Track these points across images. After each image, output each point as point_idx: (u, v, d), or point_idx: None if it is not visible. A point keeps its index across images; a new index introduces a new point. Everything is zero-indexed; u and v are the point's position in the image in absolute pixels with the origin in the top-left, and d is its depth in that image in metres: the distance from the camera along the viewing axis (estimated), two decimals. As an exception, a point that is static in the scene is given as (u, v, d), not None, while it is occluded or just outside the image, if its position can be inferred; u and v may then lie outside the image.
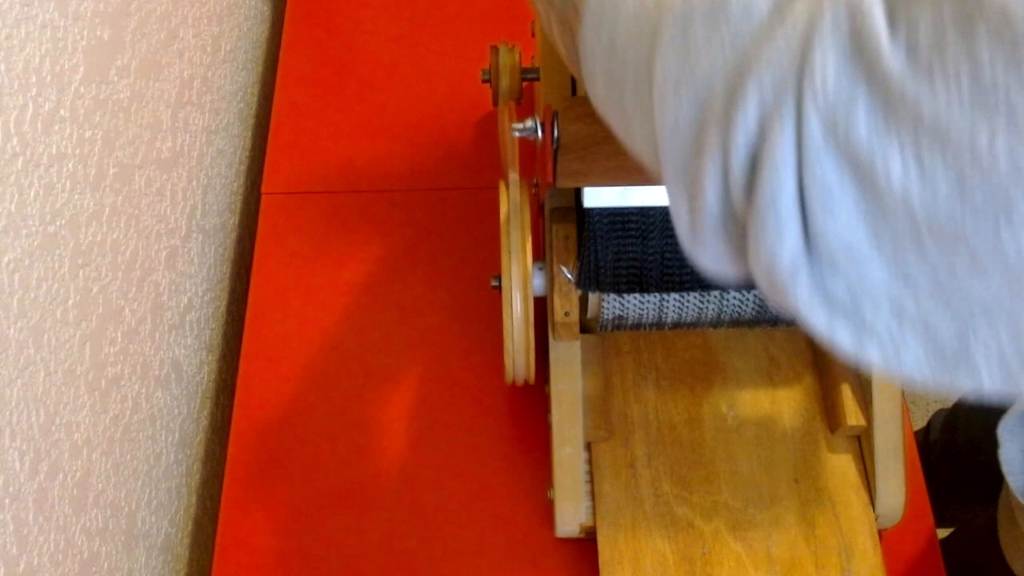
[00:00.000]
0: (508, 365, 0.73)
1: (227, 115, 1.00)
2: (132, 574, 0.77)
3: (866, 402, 0.75)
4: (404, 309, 0.91)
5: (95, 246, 0.70)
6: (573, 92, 0.73)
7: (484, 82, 0.81)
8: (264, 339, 0.90)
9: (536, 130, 0.62)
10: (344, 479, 0.83)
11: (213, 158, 0.95)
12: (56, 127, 0.64)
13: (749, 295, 0.73)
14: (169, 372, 0.84)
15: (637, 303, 0.74)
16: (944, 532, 0.84)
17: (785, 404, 0.79)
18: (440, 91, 1.04)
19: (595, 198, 0.66)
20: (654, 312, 0.75)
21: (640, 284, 0.71)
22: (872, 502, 0.75)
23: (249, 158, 1.07)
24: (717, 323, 0.77)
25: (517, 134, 0.63)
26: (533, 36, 0.80)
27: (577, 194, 0.71)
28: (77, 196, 0.67)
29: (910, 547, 0.79)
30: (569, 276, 0.71)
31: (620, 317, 0.75)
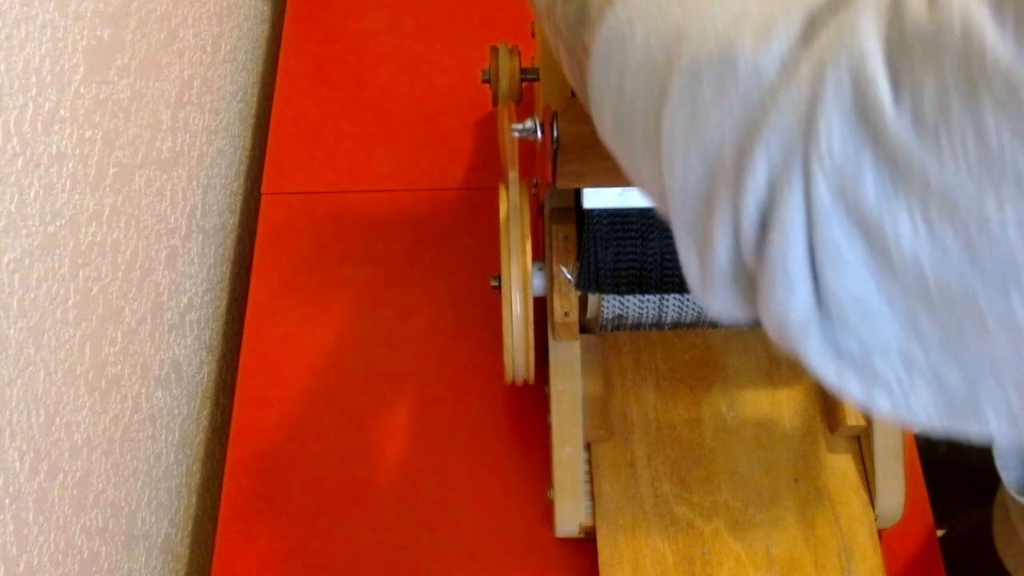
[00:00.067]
0: (508, 365, 0.73)
1: (227, 115, 1.00)
2: (132, 574, 0.77)
3: (866, 402, 0.75)
4: (404, 309, 0.91)
5: (95, 246, 0.70)
6: (573, 93, 0.73)
7: (484, 82, 0.81)
8: (264, 339, 0.90)
9: (535, 130, 0.62)
10: (344, 479, 0.83)
11: (213, 158, 0.95)
12: (56, 127, 0.64)
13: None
14: (169, 372, 0.84)
15: (637, 303, 0.74)
16: (941, 532, 0.84)
17: (785, 404, 0.79)
18: (440, 91, 1.04)
19: (595, 199, 0.66)
20: (654, 312, 0.75)
21: (640, 285, 0.71)
22: (872, 502, 0.75)
23: (249, 158, 1.07)
24: (717, 323, 0.77)
25: (517, 134, 0.63)
26: (533, 36, 0.80)
27: (577, 195, 0.71)
28: (77, 196, 0.67)
29: (910, 547, 0.79)
30: (569, 276, 0.71)
31: (620, 317, 0.75)
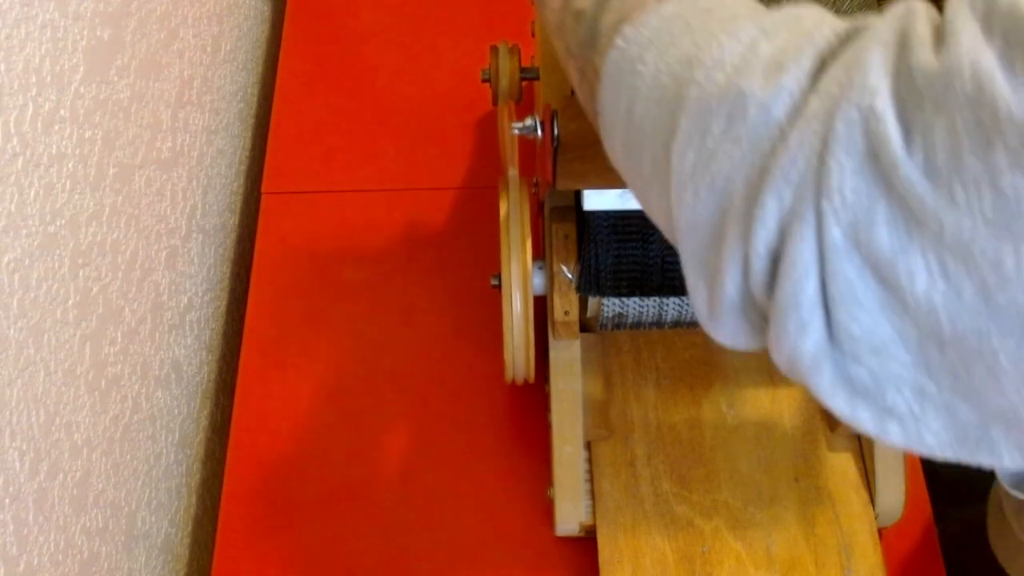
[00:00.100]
0: (508, 364, 0.73)
1: (227, 115, 1.00)
2: (132, 574, 0.77)
3: (866, 401, 0.75)
4: (404, 309, 0.91)
5: (95, 246, 0.70)
6: (573, 92, 0.73)
7: (484, 82, 0.81)
8: (264, 339, 0.90)
9: (536, 128, 0.62)
10: (344, 479, 0.83)
11: (213, 158, 0.95)
12: (56, 127, 0.64)
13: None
14: (169, 372, 0.84)
15: (637, 303, 0.74)
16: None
17: (785, 403, 0.79)
18: (440, 91, 1.04)
19: (595, 201, 0.66)
20: (654, 311, 0.75)
21: (641, 288, 0.70)
22: (872, 500, 0.75)
23: (249, 158, 1.07)
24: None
25: (517, 132, 0.62)
26: (533, 36, 0.80)
27: (577, 196, 0.71)
28: (77, 196, 0.67)
29: (910, 545, 0.79)
30: (569, 276, 0.71)
31: (620, 316, 0.75)
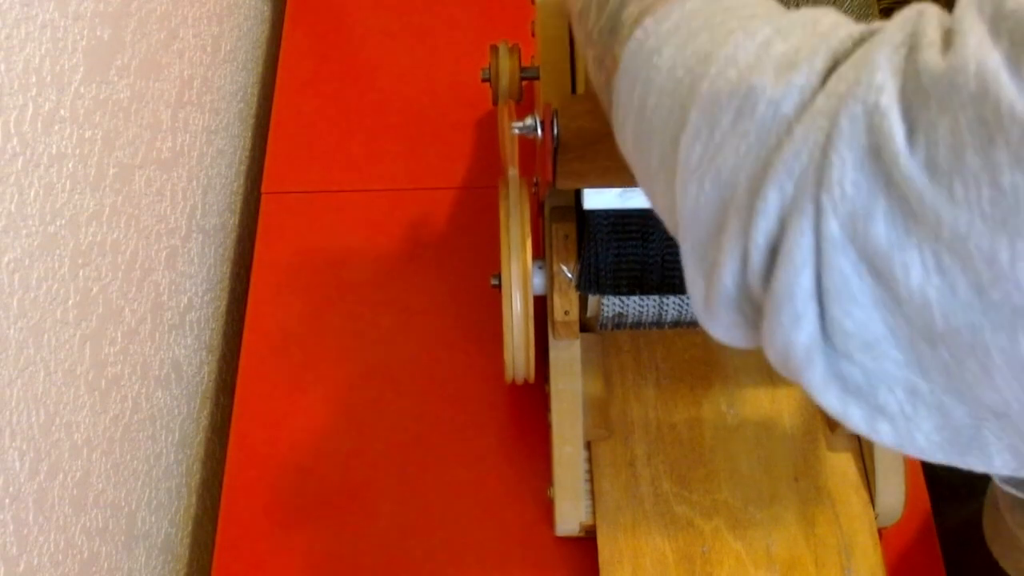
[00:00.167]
0: (508, 363, 0.73)
1: (227, 115, 1.00)
2: (132, 574, 0.77)
3: (866, 401, 0.75)
4: (404, 309, 0.91)
5: (95, 246, 0.70)
6: (573, 91, 0.73)
7: (484, 81, 0.81)
8: (264, 339, 0.90)
9: (536, 128, 0.62)
10: (344, 479, 0.83)
11: (213, 158, 0.95)
12: (56, 127, 0.64)
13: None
14: (169, 372, 0.84)
15: (637, 302, 0.74)
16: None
17: (785, 403, 0.79)
18: (440, 91, 1.04)
19: (595, 200, 0.66)
20: (654, 311, 0.75)
21: (641, 286, 0.70)
22: (872, 500, 0.75)
23: (249, 158, 1.07)
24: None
25: (517, 131, 0.62)
26: (533, 35, 0.80)
27: (577, 195, 0.71)
28: (77, 196, 0.67)
29: (909, 545, 0.79)
30: (569, 275, 0.71)
31: (620, 316, 0.75)
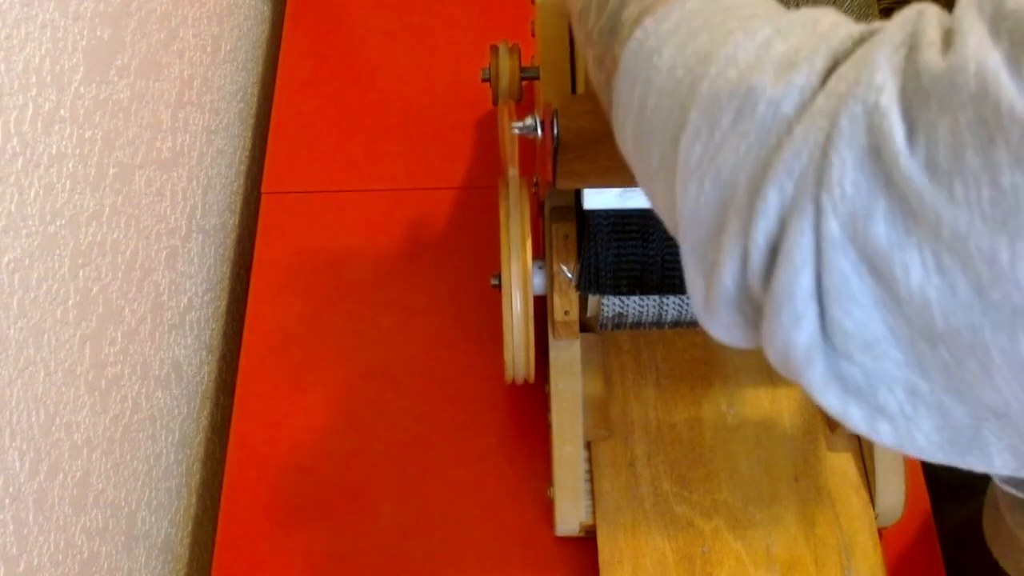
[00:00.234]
0: (508, 363, 0.73)
1: (227, 115, 1.00)
2: (132, 574, 0.77)
3: (866, 401, 0.75)
4: (404, 309, 0.91)
5: (95, 246, 0.70)
6: (573, 91, 0.73)
7: (484, 81, 0.81)
8: (264, 339, 0.90)
9: (536, 128, 0.62)
10: (344, 479, 0.83)
11: (213, 158, 0.95)
12: (56, 127, 0.64)
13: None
14: (169, 372, 0.84)
15: (637, 302, 0.74)
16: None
17: (785, 403, 0.79)
18: (440, 91, 1.04)
19: (595, 200, 0.66)
20: (654, 311, 0.75)
21: (641, 286, 0.70)
22: (872, 500, 0.75)
23: (249, 158, 1.07)
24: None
25: (517, 131, 0.62)
26: (533, 35, 0.80)
27: (577, 195, 0.71)
28: (77, 196, 0.67)
29: (909, 545, 0.79)
30: (569, 275, 0.71)
31: (620, 316, 0.75)
